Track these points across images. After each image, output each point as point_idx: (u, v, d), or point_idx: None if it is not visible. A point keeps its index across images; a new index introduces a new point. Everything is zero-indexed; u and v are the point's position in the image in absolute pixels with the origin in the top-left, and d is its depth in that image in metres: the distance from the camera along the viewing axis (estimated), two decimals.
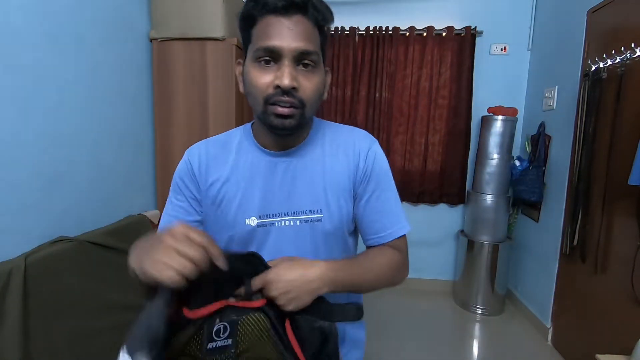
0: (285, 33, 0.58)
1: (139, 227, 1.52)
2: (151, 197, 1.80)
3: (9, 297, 0.95)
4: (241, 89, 0.67)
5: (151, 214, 1.65)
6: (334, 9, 0.66)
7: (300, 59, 0.60)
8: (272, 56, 0.59)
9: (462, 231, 2.81)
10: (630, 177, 1.46)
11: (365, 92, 2.79)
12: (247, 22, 0.62)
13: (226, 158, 0.71)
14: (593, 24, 1.99)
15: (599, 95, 1.83)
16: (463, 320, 2.54)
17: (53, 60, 1.19)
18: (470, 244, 2.64)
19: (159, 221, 1.70)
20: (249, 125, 0.75)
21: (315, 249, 0.69)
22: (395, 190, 0.74)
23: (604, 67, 1.79)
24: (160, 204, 1.80)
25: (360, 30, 2.72)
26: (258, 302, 0.57)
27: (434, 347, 2.15)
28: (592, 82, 1.86)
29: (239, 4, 1.85)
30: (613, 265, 1.72)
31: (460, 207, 2.90)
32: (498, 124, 2.51)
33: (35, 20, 1.12)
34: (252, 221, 0.68)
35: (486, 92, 2.77)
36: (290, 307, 0.56)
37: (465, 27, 2.68)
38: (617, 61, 1.71)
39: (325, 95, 0.69)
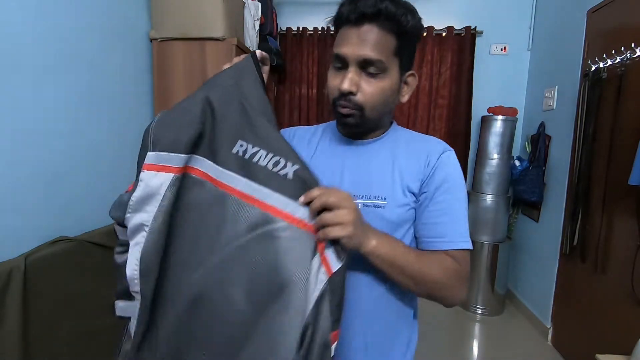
0: (353, 41, 0.64)
1: None
2: None
3: (9, 297, 0.95)
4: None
5: None
6: (334, 9, 0.67)
7: (364, 66, 0.64)
8: (341, 62, 0.66)
9: None
10: (630, 177, 1.46)
11: None
12: (335, 27, 0.69)
13: (310, 139, 0.80)
14: (593, 24, 1.99)
15: (599, 95, 1.83)
16: (463, 320, 2.54)
17: (53, 60, 1.19)
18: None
19: None
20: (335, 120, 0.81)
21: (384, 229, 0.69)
22: (466, 205, 0.73)
23: (604, 67, 1.79)
24: None
25: None
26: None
27: (434, 347, 2.15)
28: (592, 82, 1.86)
29: (239, 4, 1.85)
30: (613, 265, 1.72)
31: None
32: (498, 124, 2.51)
33: (35, 20, 1.12)
34: None
35: (486, 92, 2.77)
36: (343, 234, 0.54)
37: (465, 27, 2.68)
38: (617, 61, 1.71)
39: (405, 98, 0.74)
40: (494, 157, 2.53)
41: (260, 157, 0.56)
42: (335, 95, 0.68)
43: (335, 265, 0.55)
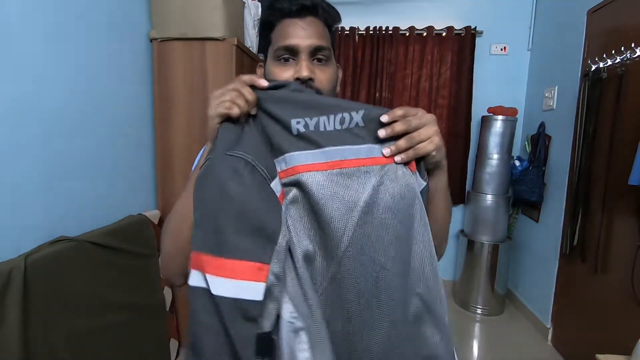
0: (301, 32, 0.65)
1: (139, 227, 1.52)
2: (151, 197, 1.79)
3: (9, 297, 0.95)
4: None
5: (151, 214, 1.65)
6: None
7: (315, 54, 0.66)
8: (291, 53, 0.66)
9: (462, 231, 2.81)
10: (630, 177, 1.46)
11: (365, 92, 2.80)
12: (267, 28, 0.70)
13: None
14: (593, 24, 1.99)
15: (599, 95, 1.83)
16: (463, 320, 2.54)
17: (53, 60, 1.19)
18: (470, 244, 2.64)
19: (159, 221, 1.70)
20: None
21: None
22: None
23: (604, 67, 1.79)
24: (160, 204, 1.80)
25: (360, 31, 2.72)
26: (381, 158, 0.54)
27: None
28: (592, 82, 1.86)
29: (239, 3, 1.85)
30: (613, 265, 1.72)
31: (460, 207, 2.90)
32: (498, 124, 2.51)
33: (35, 19, 1.12)
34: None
35: (486, 92, 2.77)
36: (432, 147, 0.57)
37: (465, 27, 2.68)
38: (617, 61, 1.71)
39: (338, 88, 0.75)
40: (494, 157, 2.53)
41: (323, 124, 0.54)
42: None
43: (422, 184, 0.58)
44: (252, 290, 0.44)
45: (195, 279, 0.45)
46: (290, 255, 0.50)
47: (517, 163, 2.51)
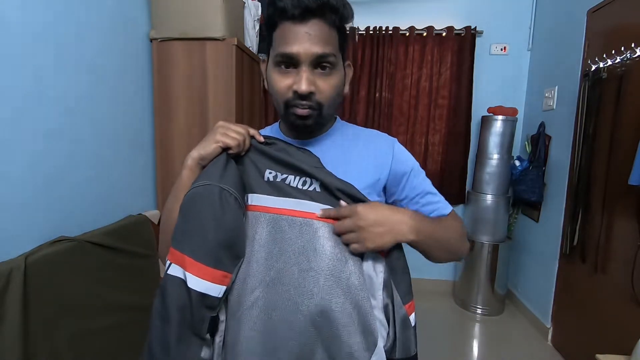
0: (303, 39, 0.61)
1: (139, 227, 1.52)
2: (151, 197, 1.79)
3: (9, 297, 0.95)
4: (265, 85, 0.72)
5: (151, 214, 1.65)
6: None
7: (318, 62, 0.63)
8: (291, 62, 0.63)
9: None
10: (630, 177, 1.46)
11: (365, 92, 2.80)
12: (269, 26, 0.66)
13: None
14: (593, 24, 1.99)
15: (599, 95, 1.83)
16: (463, 320, 2.54)
17: (53, 60, 1.19)
18: (470, 244, 2.64)
19: (159, 221, 1.70)
20: (277, 123, 0.81)
21: None
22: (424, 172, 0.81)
23: (604, 67, 1.79)
24: (160, 204, 1.80)
25: (360, 30, 2.72)
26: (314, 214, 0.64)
27: (434, 347, 2.15)
28: (592, 82, 1.86)
29: (239, 3, 1.85)
30: (613, 265, 1.72)
31: (460, 207, 2.90)
32: (498, 124, 2.51)
33: (35, 20, 1.12)
34: None
35: (486, 92, 2.77)
36: (371, 245, 0.61)
37: (465, 27, 2.68)
38: (617, 61, 1.71)
39: (347, 88, 0.73)
40: (494, 157, 2.54)
41: (289, 180, 0.66)
42: (288, 97, 0.65)
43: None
44: (217, 290, 0.59)
45: (174, 270, 0.59)
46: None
47: (517, 163, 2.51)
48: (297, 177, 0.66)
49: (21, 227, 1.09)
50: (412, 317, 0.67)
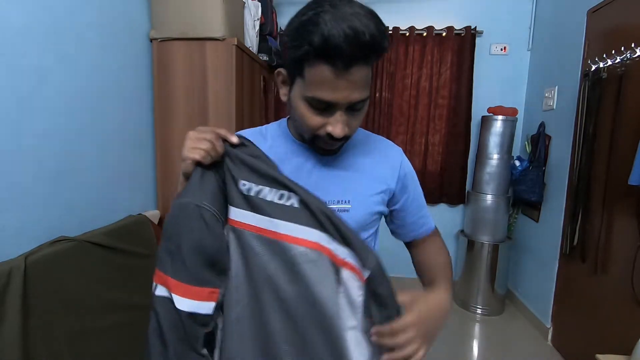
0: (342, 87, 0.56)
1: (139, 227, 1.52)
2: (151, 197, 1.80)
3: (9, 297, 0.95)
4: (283, 98, 0.68)
5: (151, 214, 1.65)
6: None
7: (353, 106, 0.60)
8: (325, 105, 0.59)
9: (462, 231, 2.81)
10: (630, 177, 1.46)
11: None
12: (303, 50, 0.55)
13: (260, 144, 0.70)
14: (593, 24, 1.99)
15: (599, 95, 1.83)
16: (463, 320, 2.54)
17: (53, 60, 1.19)
18: (470, 244, 2.64)
19: (159, 221, 1.70)
20: (284, 120, 0.78)
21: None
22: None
23: (604, 67, 1.79)
24: (160, 204, 1.80)
25: None
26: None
27: (434, 347, 2.15)
28: (592, 82, 1.86)
29: (239, 3, 1.85)
30: (613, 265, 1.72)
31: (460, 207, 2.90)
32: (498, 124, 2.51)
33: (36, 20, 1.12)
34: None
35: (486, 92, 2.77)
36: (423, 351, 0.61)
37: (465, 27, 2.68)
38: (617, 61, 1.71)
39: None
40: (494, 157, 2.53)
41: (264, 193, 0.60)
42: (318, 133, 0.63)
43: (365, 272, 0.60)
44: (206, 307, 0.58)
45: (160, 291, 0.58)
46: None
47: (517, 163, 2.51)
48: (274, 190, 0.60)
49: (21, 227, 1.09)
50: None
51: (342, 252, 0.59)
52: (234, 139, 0.62)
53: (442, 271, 0.78)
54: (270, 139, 0.75)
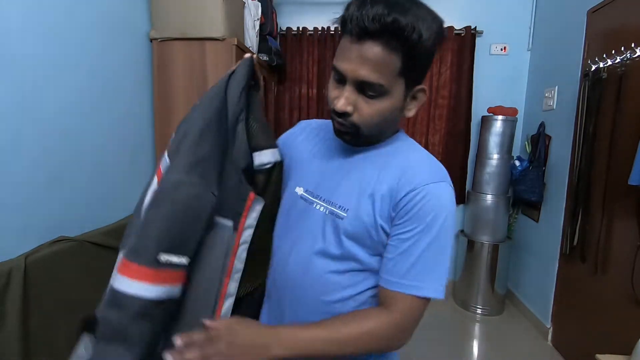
0: (353, 59, 0.57)
1: None
2: None
3: (9, 297, 0.95)
4: None
5: None
6: (334, 9, 0.62)
7: (362, 87, 0.59)
8: (340, 76, 0.61)
9: (462, 231, 2.81)
10: (630, 177, 1.46)
11: None
12: (342, 23, 0.59)
13: (317, 134, 0.81)
14: (593, 24, 1.99)
15: (599, 95, 1.83)
16: (463, 320, 2.54)
17: (53, 60, 1.19)
18: (470, 244, 2.64)
19: None
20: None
21: (338, 242, 0.66)
22: (444, 245, 0.63)
23: (604, 67, 1.79)
24: None
25: None
26: None
27: (434, 347, 2.15)
28: (592, 82, 1.86)
29: (239, 4, 1.84)
30: (613, 265, 1.72)
31: (460, 207, 2.90)
32: (498, 124, 2.51)
33: (36, 20, 1.12)
34: (299, 190, 0.74)
35: (486, 92, 2.77)
36: None
37: (465, 27, 2.68)
38: (617, 61, 1.71)
39: (412, 112, 0.67)
40: (494, 157, 2.54)
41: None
42: (331, 107, 0.64)
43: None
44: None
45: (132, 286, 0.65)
46: None
47: (517, 163, 2.51)
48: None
49: (21, 227, 1.09)
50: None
51: None
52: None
53: (350, 323, 0.61)
54: (324, 132, 0.80)
